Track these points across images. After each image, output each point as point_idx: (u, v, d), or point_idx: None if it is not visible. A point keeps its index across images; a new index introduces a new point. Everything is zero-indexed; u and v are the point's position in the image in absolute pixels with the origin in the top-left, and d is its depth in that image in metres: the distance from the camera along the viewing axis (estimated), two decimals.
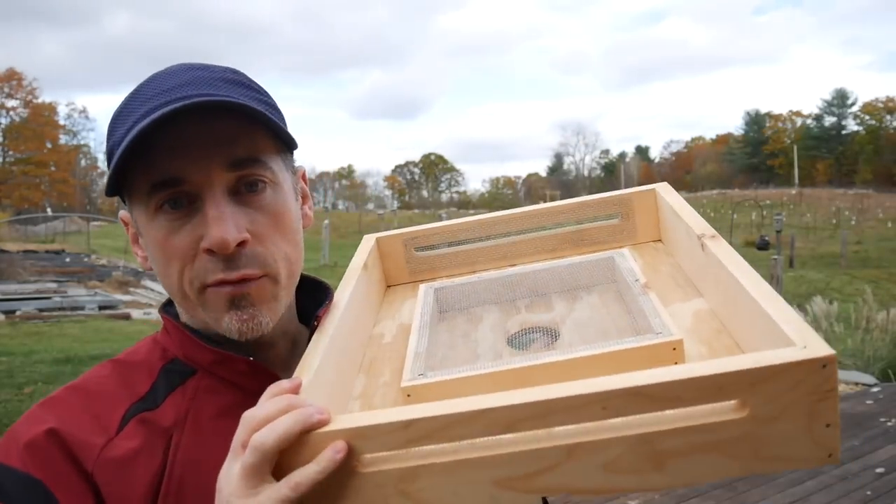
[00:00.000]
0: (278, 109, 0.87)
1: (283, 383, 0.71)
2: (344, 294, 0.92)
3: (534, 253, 1.09)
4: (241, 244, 0.79)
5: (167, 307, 0.91)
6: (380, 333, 0.97)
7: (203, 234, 0.79)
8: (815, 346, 0.59)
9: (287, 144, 0.87)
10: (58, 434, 0.77)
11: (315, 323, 0.86)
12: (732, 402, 0.59)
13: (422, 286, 1.03)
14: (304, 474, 0.63)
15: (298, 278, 0.89)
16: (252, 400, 0.81)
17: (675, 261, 0.98)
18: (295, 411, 0.65)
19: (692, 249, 0.88)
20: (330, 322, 0.86)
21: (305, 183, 0.94)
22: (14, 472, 0.75)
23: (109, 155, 0.83)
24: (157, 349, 0.89)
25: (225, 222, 0.78)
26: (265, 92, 0.87)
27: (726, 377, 0.58)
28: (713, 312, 0.82)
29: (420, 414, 0.62)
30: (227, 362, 0.84)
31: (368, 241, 1.11)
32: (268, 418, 0.65)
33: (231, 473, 0.65)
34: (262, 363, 0.84)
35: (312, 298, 0.94)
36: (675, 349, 0.73)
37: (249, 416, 0.67)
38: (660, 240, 1.06)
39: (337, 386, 0.80)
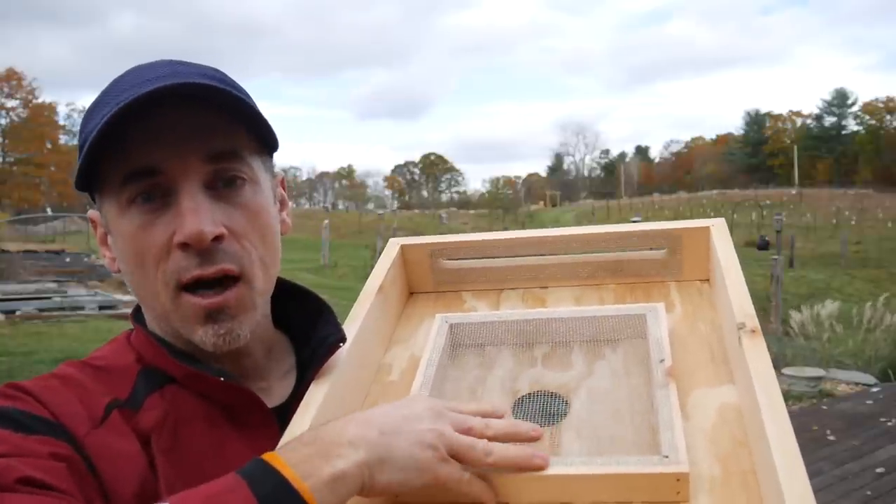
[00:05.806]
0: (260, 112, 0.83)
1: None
2: (352, 327, 0.88)
3: (567, 277, 1.01)
4: (217, 239, 0.75)
5: (137, 314, 0.87)
6: (388, 364, 0.93)
7: (176, 229, 0.75)
8: None
9: (267, 146, 0.84)
10: (45, 406, 0.71)
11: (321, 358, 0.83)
12: None
13: (438, 317, 0.94)
14: (503, 453, 0.67)
15: (274, 284, 0.86)
16: (224, 412, 0.80)
17: (717, 318, 0.89)
18: (524, 452, 0.68)
19: (732, 328, 0.80)
20: (334, 364, 0.83)
21: (284, 190, 0.91)
22: (21, 411, 0.69)
23: (81, 147, 0.78)
24: (132, 352, 0.84)
25: (200, 215, 0.74)
26: (247, 93, 0.83)
27: None
28: (739, 412, 0.74)
29: None
30: (200, 378, 0.80)
31: (392, 248, 1.04)
32: (494, 433, 0.69)
33: (434, 428, 0.66)
34: (233, 380, 0.80)
35: (302, 308, 0.91)
36: (678, 480, 0.65)
37: (476, 422, 0.70)
38: (707, 280, 0.97)
39: None
